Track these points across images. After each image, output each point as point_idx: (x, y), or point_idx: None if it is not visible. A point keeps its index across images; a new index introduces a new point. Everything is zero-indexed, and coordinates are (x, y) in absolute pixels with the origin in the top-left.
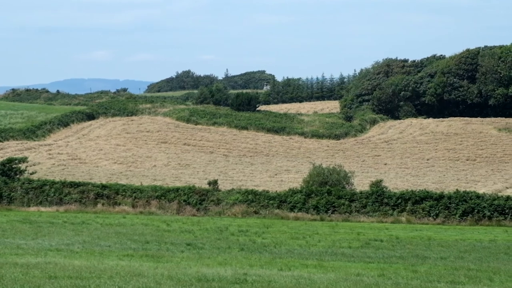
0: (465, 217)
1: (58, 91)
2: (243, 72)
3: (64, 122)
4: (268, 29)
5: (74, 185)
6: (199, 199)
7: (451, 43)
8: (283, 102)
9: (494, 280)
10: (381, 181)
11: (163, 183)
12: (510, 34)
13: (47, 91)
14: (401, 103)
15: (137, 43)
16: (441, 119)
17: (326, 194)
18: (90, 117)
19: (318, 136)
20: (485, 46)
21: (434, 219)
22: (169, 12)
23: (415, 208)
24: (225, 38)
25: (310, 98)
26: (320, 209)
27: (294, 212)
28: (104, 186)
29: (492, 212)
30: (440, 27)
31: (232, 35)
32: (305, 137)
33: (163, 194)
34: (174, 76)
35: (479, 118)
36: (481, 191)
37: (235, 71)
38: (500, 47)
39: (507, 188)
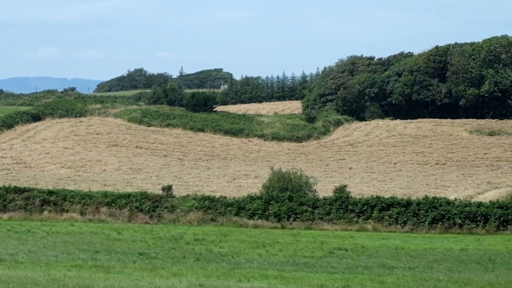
0: (434, 225)
1: (1, 90)
2: (199, 70)
3: (7, 123)
4: (226, 25)
5: (18, 190)
6: (152, 205)
7: (419, 40)
8: (242, 102)
9: None
10: (345, 186)
11: (113, 188)
12: (481, 30)
13: None
14: (367, 103)
15: (85, 39)
16: (409, 120)
17: (287, 201)
18: (36, 118)
19: (278, 138)
20: (455, 43)
21: (402, 227)
22: (120, 7)
23: (382, 215)
24: (180, 34)
25: (270, 98)
26: (281, 217)
27: (253, 219)
28: (50, 192)
29: (463, 220)
30: (408, 23)
31: (187, 31)
32: (265, 140)
33: (114, 201)
34: (125, 75)
35: (449, 120)
36: (451, 197)
37: (190, 69)
38: (471, 44)
39: (478, 194)
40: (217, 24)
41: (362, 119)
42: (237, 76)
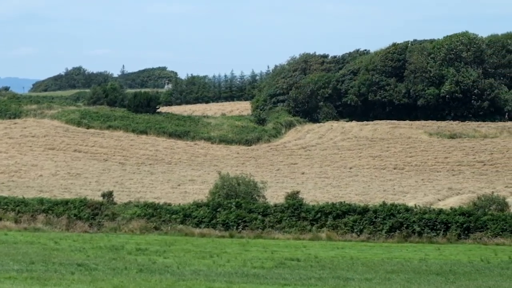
0: (392, 233)
1: None
2: (141, 68)
3: None
4: (170, 20)
5: None
6: (92, 213)
7: (376, 37)
8: (187, 103)
9: None
10: (298, 192)
11: (50, 195)
12: (442, 27)
13: None
14: (321, 104)
15: (19, 35)
16: (365, 122)
17: (235, 208)
18: None
19: (226, 141)
20: (414, 40)
21: (358, 235)
22: (54, 0)
23: (337, 223)
24: (121, 30)
25: (217, 98)
26: (229, 225)
27: (199, 228)
28: None
29: (423, 228)
30: (364, 18)
31: (129, 26)
32: (212, 143)
33: (51, 208)
34: (63, 73)
35: (407, 121)
36: (410, 203)
37: (132, 67)
38: (431, 41)
39: (439, 200)
40: (161, 19)
41: (315, 120)
42: (182, 75)
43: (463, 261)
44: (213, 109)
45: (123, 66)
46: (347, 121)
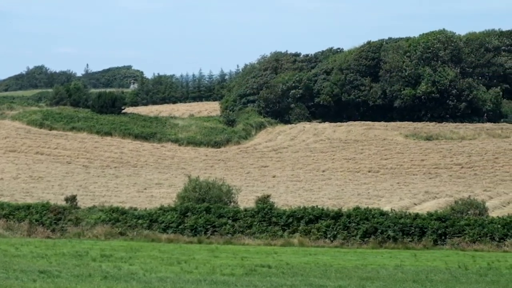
0: (367, 239)
1: None
2: (106, 67)
3: None
4: (136, 17)
5: None
6: (55, 218)
7: (350, 35)
8: (154, 103)
9: None
10: (269, 196)
11: (11, 199)
12: (418, 24)
13: None
14: (292, 104)
15: None
16: (338, 123)
17: (204, 213)
18: None
19: (195, 143)
20: (390, 38)
21: (331, 241)
22: None
23: (309, 229)
24: (85, 27)
25: (185, 98)
26: (198, 230)
27: (167, 233)
28: None
29: (398, 233)
30: (337, 15)
31: (92, 23)
32: (179, 145)
33: (11, 213)
34: (24, 73)
35: (382, 123)
36: (385, 208)
37: (97, 66)
38: (407, 39)
39: (415, 204)
40: (126, 16)
41: (287, 121)
42: (149, 74)
43: (440, 267)
44: (180, 109)
45: (87, 65)
46: (320, 122)
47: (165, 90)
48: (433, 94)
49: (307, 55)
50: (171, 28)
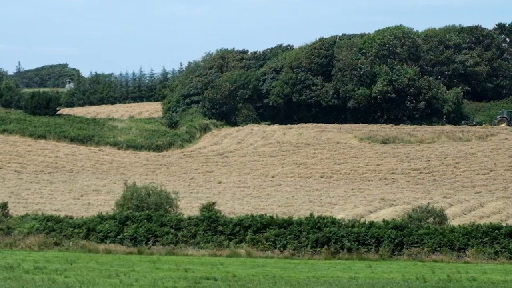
0: (319, 249)
1: None
2: (40, 66)
3: None
4: (72, 12)
5: None
6: None
7: (301, 31)
8: (91, 104)
9: None
10: (214, 204)
11: None
12: (374, 20)
13: None
14: (240, 105)
15: None
16: (289, 125)
17: (145, 221)
18: None
19: (135, 147)
20: (343, 35)
21: (281, 251)
22: None
23: (257, 238)
24: (15, 21)
25: (125, 99)
26: (138, 240)
27: (105, 243)
28: None
29: (352, 243)
30: (287, 10)
31: (24, 17)
32: (118, 149)
33: None
34: None
35: (336, 125)
36: (339, 216)
37: (29, 64)
38: (362, 36)
39: (370, 212)
40: (60, 11)
41: (233, 124)
42: (86, 73)
43: (397, 279)
44: (120, 111)
45: (19, 62)
46: (268, 125)
47: (103, 90)
48: (389, 94)
49: (255, 53)
50: (110, 23)
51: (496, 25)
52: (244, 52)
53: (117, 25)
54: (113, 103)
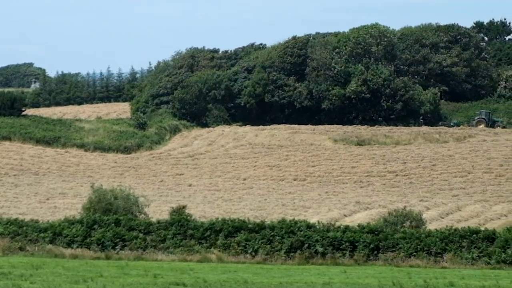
0: (292, 254)
1: None
2: (4, 65)
3: None
4: (38, 9)
5: None
6: None
7: (273, 29)
8: (57, 104)
9: None
10: (184, 207)
11: None
12: (348, 18)
13: None
14: (210, 106)
15: None
16: (261, 127)
17: (113, 225)
18: None
19: (102, 148)
20: (317, 33)
21: (253, 256)
22: None
23: (229, 242)
24: None
25: (92, 99)
26: (106, 244)
27: (71, 248)
28: None
29: (327, 247)
30: (259, 7)
31: None
32: (85, 150)
33: None
34: None
35: (309, 126)
36: (312, 219)
37: None
38: (336, 34)
39: (345, 216)
40: (25, 8)
41: (204, 125)
42: (52, 73)
43: (372, 285)
44: (87, 111)
45: None
46: (240, 126)
47: (70, 90)
48: (364, 94)
49: (226, 52)
50: (76, 21)
51: (474, 23)
52: (215, 51)
53: (84, 24)
54: (80, 103)
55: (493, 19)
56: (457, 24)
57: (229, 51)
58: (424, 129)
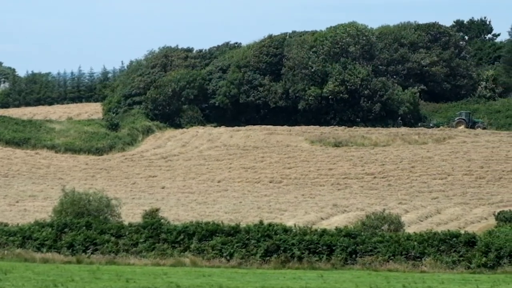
0: (268, 258)
1: None
2: None
3: None
4: (5, 5)
5: None
6: None
7: (249, 28)
8: (27, 104)
9: None
10: (157, 210)
11: None
12: (325, 16)
13: None
14: (184, 106)
15: None
16: (236, 128)
17: (84, 228)
18: None
19: (73, 150)
20: (293, 32)
21: (228, 260)
22: None
23: (203, 246)
24: None
25: (63, 99)
26: (77, 248)
27: (42, 252)
28: None
29: (303, 251)
30: (234, 5)
31: None
32: (56, 152)
33: None
34: None
35: (286, 127)
36: (289, 223)
37: None
38: (313, 33)
39: (322, 219)
40: None
41: (178, 126)
42: (21, 72)
43: None
44: (57, 112)
45: None
46: (215, 127)
47: (40, 90)
48: (342, 95)
49: (200, 51)
50: (47, 19)
51: (453, 22)
52: (189, 50)
53: (55, 22)
54: (50, 103)
55: (473, 17)
56: (437, 22)
57: (203, 50)
58: (403, 130)
